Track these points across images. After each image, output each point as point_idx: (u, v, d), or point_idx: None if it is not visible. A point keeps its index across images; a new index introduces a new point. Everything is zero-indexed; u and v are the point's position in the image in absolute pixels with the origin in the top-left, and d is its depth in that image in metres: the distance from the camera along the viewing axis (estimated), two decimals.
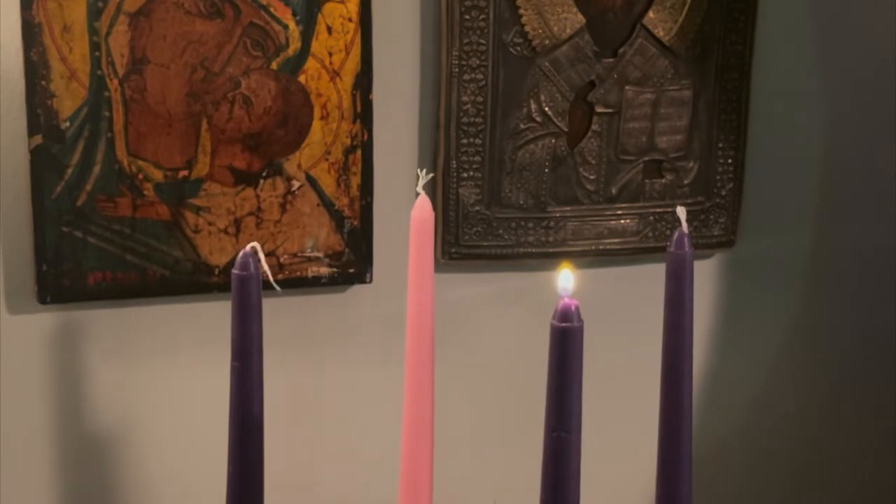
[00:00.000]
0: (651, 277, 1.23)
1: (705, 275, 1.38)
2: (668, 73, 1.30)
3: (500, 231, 1.30)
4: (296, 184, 1.22)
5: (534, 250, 1.31)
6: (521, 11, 1.24)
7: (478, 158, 1.27)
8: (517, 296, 1.32)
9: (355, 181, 1.24)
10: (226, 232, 1.21)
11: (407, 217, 1.09)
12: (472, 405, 1.34)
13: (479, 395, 1.35)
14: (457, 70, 1.24)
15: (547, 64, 1.27)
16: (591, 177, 1.31)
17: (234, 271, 1.02)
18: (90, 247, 1.18)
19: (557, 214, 1.31)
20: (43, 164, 1.15)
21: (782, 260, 1.41)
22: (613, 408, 1.34)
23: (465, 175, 1.27)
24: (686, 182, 1.34)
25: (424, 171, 1.11)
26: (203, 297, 1.22)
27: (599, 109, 1.29)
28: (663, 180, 1.33)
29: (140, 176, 1.18)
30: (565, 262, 1.04)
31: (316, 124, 1.21)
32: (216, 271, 1.22)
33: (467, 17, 1.23)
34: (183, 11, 1.16)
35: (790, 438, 1.46)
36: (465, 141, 1.26)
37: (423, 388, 1.10)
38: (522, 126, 1.27)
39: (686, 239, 1.07)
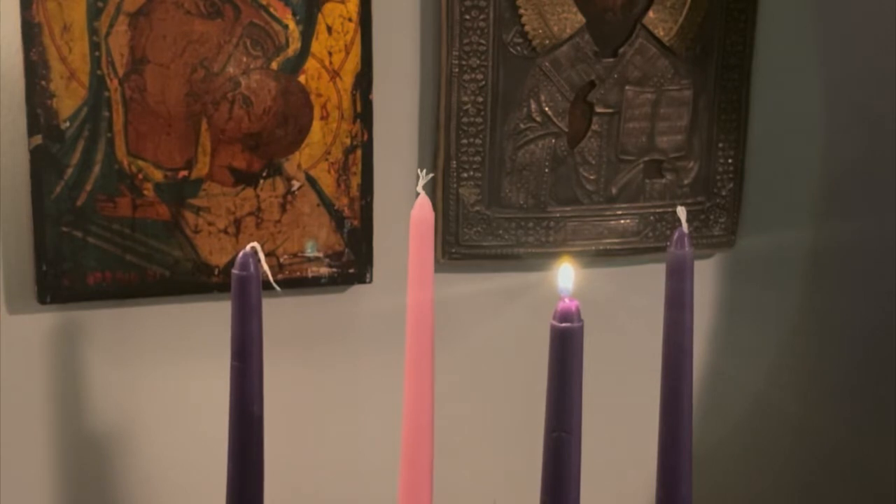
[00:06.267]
0: (651, 277, 1.23)
1: (705, 275, 1.38)
2: (668, 73, 1.30)
3: (500, 231, 1.30)
4: (296, 184, 1.22)
5: (534, 250, 1.31)
6: (521, 11, 1.24)
7: (478, 158, 1.27)
8: (517, 295, 1.32)
9: (355, 181, 1.24)
10: (226, 232, 1.21)
11: (407, 217, 1.09)
12: (472, 405, 1.34)
13: (479, 395, 1.35)
14: (457, 70, 1.24)
15: (547, 64, 1.27)
16: (591, 177, 1.31)
17: (234, 271, 1.02)
18: (90, 247, 1.18)
19: (557, 214, 1.31)
20: (43, 164, 1.15)
21: (782, 260, 1.41)
22: (613, 408, 1.34)
23: (465, 175, 1.27)
24: (686, 182, 1.34)
25: (424, 171, 1.11)
26: (203, 297, 1.22)
27: (599, 109, 1.29)
28: (663, 180, 1.33)
29: (140, 176, 1.18)
30: (566, 256, 1.04)
31: (316, 124, 1.21)
32: (216, 271, 1.22)
33: (467, 17, 1.23)
34: (183, 11, 1.16)
35: (790, 438, 1.46)
36: (465, 141, 1.26)
37: (422, 388, 1.10)
38: (522, 126, 1.27)
39: (686, 238, 1.07)
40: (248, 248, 1.02)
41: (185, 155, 1.19)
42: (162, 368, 1.24)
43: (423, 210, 1.09)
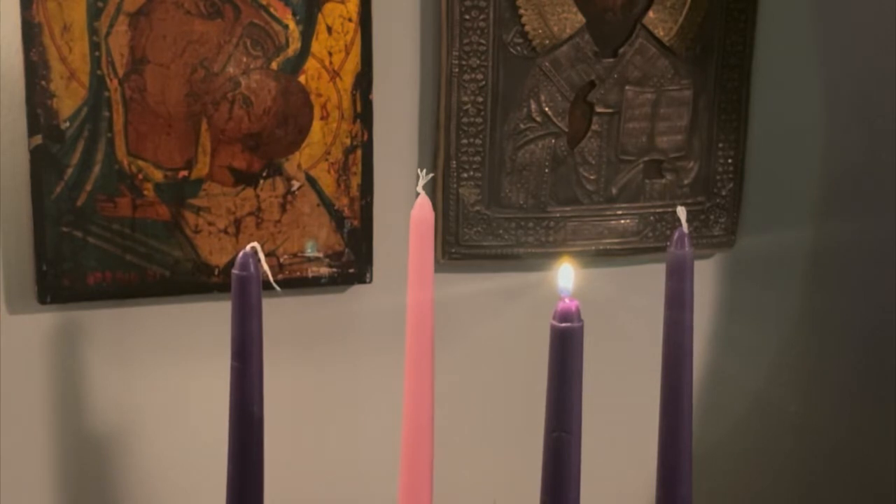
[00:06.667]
0: (651, 277, 1.23)
1: (705, 275, 1.38)
2: (668, 73, 1.30)
3: (500, 231, 1.30)
4: (296, 184, 1.22)
5: (534, 250, 1.31)
6: (521, 11, 1.24)
7: (478, 158, 1.27)
8: (517, 296, 1.32)
9: (355, 181, 1.24)
10: (226, 232, 1.21)
11: (407, 217, 1.09)
12: (472, 405, 1.34)
13: (479, 395, 1.35)
14: (457, 70, 1.24)
15: (547, 64, 1.27)
16: (591, 177, 1.31)
17: (234, 271, 1.02)
18: (90, 247, 1.18)
19: (557, 214, 1.31)
20: (43, 164, 1.15)
21: (782, 260, 1.41)
22: (613, 407, 1.34)
23: (465, 175, 1.27)
24: (686, 182, 1.34)
25: (424, 171, 1.11)
26: (203, 297, 1.22)
27: (599, 109, 1.29)
28: (663, 180, 1.33)
29: (140, 176, 1.18)
30: (566, 256, 1.04)
31: (316, 124, 1.21)
32: (216, 271, 1.22)
33: (467, 17, 1.23)
34: (183, 11, 1.16)
35: (790, 438, 1.46)
36: (465, 141, 1.26)
37: (423, 388, 1.10)
38: (522, 126, 1.27)
39: (686, 238, 1.07)
40: (248, 248, 1.02)
41: (185, 155, 1.19)
42: (162, 368, 1.24)
43: (423, 210, 1.09)
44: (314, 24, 1.19)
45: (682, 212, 1.10)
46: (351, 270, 1.25)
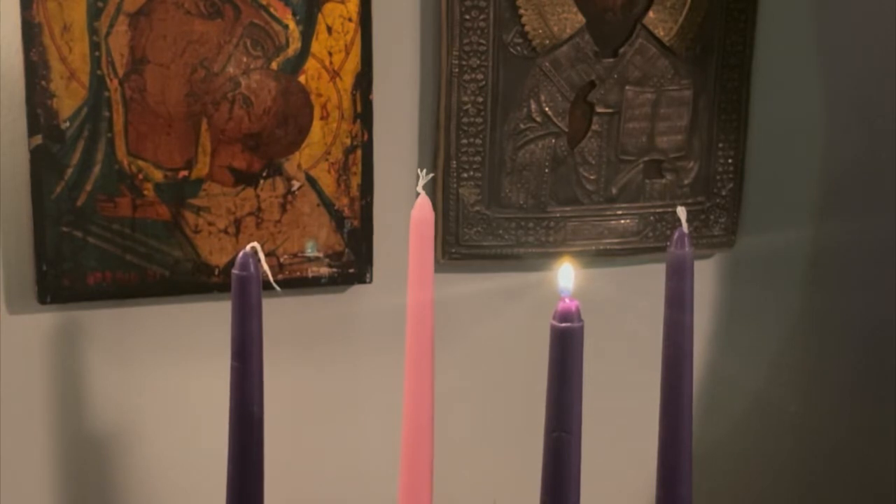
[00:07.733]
0: (651, 277, 1.23)
1: (705, 275, 1.38)
2: (668, 73, 1.30)
3: (500, 231, 1.30)
4: (296, 184, 1.22)
5: (534, 250, 1.31)
6: (521, 11, 1.24)
7: (478, 158, 1.27)
8: (517, 295, 1.32)
9: (355, 181, 1.24)
10: (226, 232, 1.21)
11: (407, 217, 1.09)
12: (472, 405, 1.34)
13: (479, 395, 1.35)
14: (457, 70, 1.24)
15: (547, 64, 1.27)
16: (591, 177, 1.31)
17: (234, 271, 1.02)
18: (90, 247, 1.18)
19: (557, 214, 1.31)
20: (43, 164, 1.15)
21: (782, 260, 1.41)
22: (613, 407, 1.34)
23: (465, 175, 1.27)
24: (686, 182, 1.34)
25: (424, 171, 1.11)
26: (203, 297, 1.22)
27: (599, 109, 1.29)
28: (663, 180, 1.33)
29: (140, 176, 1.18)
30: (566, 256, 1.04)
31: (316, 124, 1.21)
32: (216, 271, 1.22)
33: (467, 17, 1.23)
34: (183, 11, 1.16)
35: (790, 438, 1.46)
36: (465, 141, 1.26)
37: (423, 388, 1.10)
38: (522, 126, 1.27)
39: (686, 238, 1.07)
40: (248, 248, 1.02)
41: (186, 155, 1.19)
42: (162, 368, 1.24)
43: (423, 210, 1.09)
44: (314, 24, 1.19)
45: (682, 212, 1.10)
46: (351, 270, 1.25)
